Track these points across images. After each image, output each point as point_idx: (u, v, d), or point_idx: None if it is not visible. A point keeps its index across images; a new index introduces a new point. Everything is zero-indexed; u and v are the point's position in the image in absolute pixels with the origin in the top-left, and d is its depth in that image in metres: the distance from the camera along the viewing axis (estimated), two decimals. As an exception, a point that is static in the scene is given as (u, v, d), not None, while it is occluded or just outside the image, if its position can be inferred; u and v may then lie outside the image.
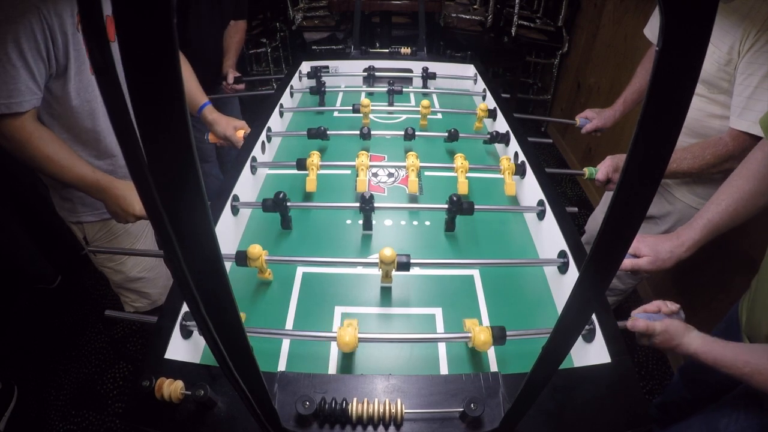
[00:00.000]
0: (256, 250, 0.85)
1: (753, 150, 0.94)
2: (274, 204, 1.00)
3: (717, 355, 0.73)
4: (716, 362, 0.73)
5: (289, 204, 1.01)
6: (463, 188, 1.13)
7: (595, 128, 1.55)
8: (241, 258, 0.85)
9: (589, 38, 2.75)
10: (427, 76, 1.71)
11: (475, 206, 1.13)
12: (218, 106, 1.60)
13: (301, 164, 1.16)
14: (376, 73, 1.72)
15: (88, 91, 1.09)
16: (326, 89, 1.61)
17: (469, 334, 0.73)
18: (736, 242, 1.33)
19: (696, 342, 0.75)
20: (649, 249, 0.92)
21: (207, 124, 1.42)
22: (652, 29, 1.40)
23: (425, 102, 1.42)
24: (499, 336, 0.72)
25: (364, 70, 1.73)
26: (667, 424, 1.08)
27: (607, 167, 1.17)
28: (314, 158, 1.15)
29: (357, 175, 1.14)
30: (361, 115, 1.42)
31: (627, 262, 0.93)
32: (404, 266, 0.83)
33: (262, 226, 1.09)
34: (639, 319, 0.78)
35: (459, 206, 1.00)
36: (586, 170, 1.20)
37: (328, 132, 1.30)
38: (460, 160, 1.15)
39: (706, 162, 1.08)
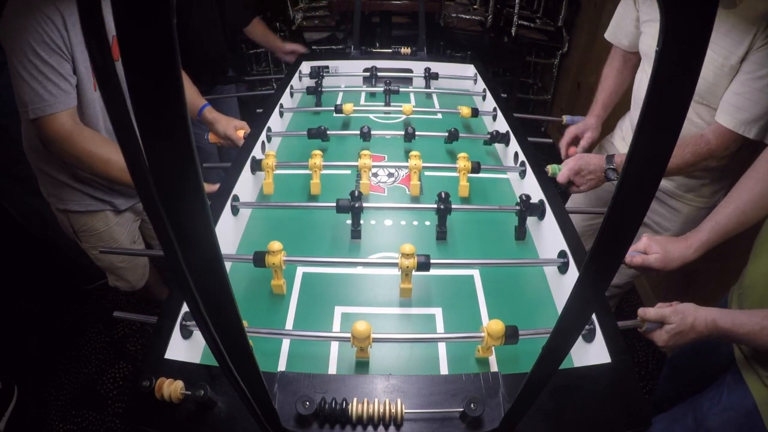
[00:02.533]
0: (276, 246, 0.83)
1: (764, 151, 0.94)
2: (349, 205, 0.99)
3: (734, 318, 0.76)
4: (733, 323, 0.76)
5: (364, 205, 1.00)
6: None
7: (592, 141, 1.44)
8: (259, 258, 0.83)
9: (589, 38, 2.75)
10: (430, 76, 1.71)
11: (475, 207, 1.14)
12: (217, 106, 1.60)
13: (257, 165, 1.15)
14: (377, 74, 1.72)
15: (91, 107, 1.13)
16: (324, 89, 1.61)
17: (482, 334, 0.72)
18: (736, 242, 1.33)
19: (712, 311, 0.78)
20: (659, 247, 0.92)
21: (207, 123, 1.42)
22: (614, 33, 1.38)
23: (407, 107, 1.43)
24: (511, 335, 0.72)
25: (366, 70, 1.73)
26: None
27: (570, 169, 1.12)
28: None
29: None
30: (344, 115, 1.44)
31: (638, 258, 0.93)
32: (424, 266, 0.84)
33: (262, 226, 1.10)
34: (649, 308, 0.80)
35: (528, 207, 1.00)
36: (550, 168, 1.15)
37: (328, 132, 1.30)
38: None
39: (685, 161, 1.04)
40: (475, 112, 1.46)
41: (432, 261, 0.88)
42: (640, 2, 1.24)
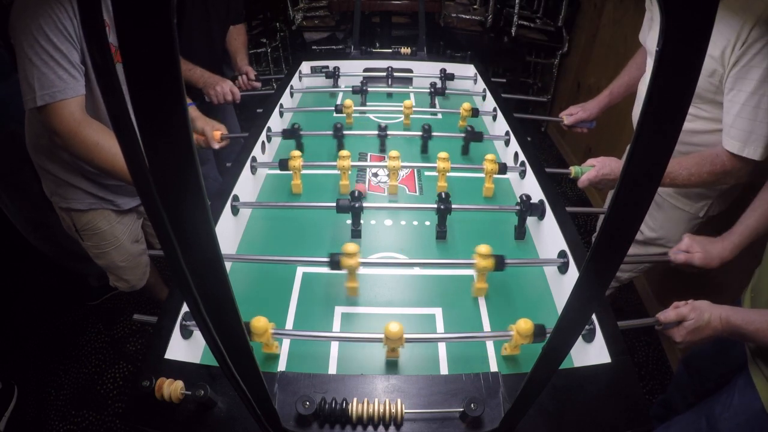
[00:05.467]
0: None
1: None
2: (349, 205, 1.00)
3: (745, 315, 0.80)
4: (744, 320, 0.79)
5: (364, 205, 1.01)
6: (443, 189, 1.13)
7: (579, 120, 1.51)
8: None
9: (589, 38, 2.75)
10: (445, 77, 1.71)
11: (475, 207, 1.14)
12: (213, 109, 1.61)
13: (284, 165, 1.16)
14: (373, 74, 1.72)
15: (101, 99, 1.10)
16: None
17: (511, 333, 0.74)
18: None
19: (726, 308, 0.81)
20: (700, 247, 0.98)
21: None
22: (643, 34, 1.39)
23: (408, 102, 1.42)
24: (538, 333, 0.74)
25: (378, 70, 1.73)
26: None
27: (591, 180, 1.13)
28: (296, 161, 1.15)
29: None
30: (344, 115, 1.43)
31: (681, 256, 0.99)
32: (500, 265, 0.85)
33: (262, 226, 1.10)
34: (669, 310, 0.83)
35: (528, 207, 1.01)
36: (572, 169, 1.17)
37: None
38: (442, 162, 1.15)
39: (703, 180, 1.05)
40: (475, 112, 1.45)
41: (433, 261, 0.88)
42: (651, 1, 1.25)
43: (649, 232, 1.35)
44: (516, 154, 1.26)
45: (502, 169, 1.15)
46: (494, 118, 1.49)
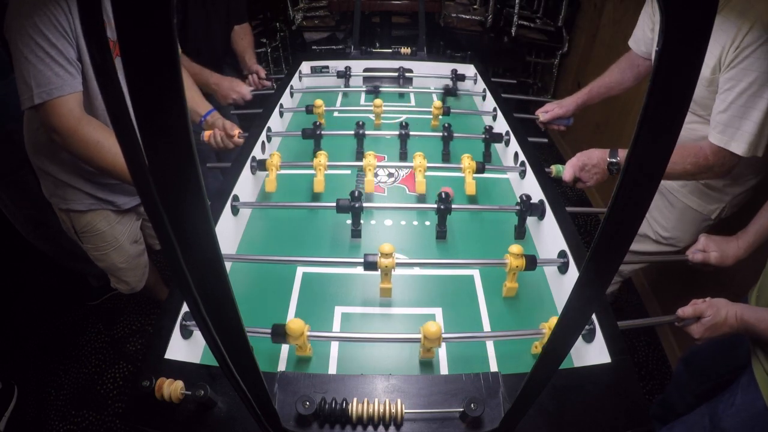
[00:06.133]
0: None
1: None
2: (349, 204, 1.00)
3: (758, 314, 0.82)
4: (756, 318, 0.82)
5: (364, 205, 1.01)
6: (420, 187, 1.13)
7: (555, 117, 1.49)
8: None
9: (589, 38, 2.75)
10: (456, 78, 1.71)
11: (475, 206, 1.14)
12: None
13: (261, 164, 1.17)
14: (373, 74, 1.72)
15: (99, 98, 1.10)
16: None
17: (544, 331, 0.75)
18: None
19: (741, 306, 0.84)
20: (716, 246, 1.01)
21: (207, 126, 1.43)
22: (636, 41, 1.38)
23: (378, 101, 1.42)
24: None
25: (370, 72, 1.73)
26: (670, 420, 1.09)
27: (573, 166, 1.14)
28: (274, 158, 1.16)
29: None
30: (316, 115, 1.43)
31: (699, 255, 1.01)
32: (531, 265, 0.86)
33: (262, 226, 1.10)
34: (687, 307, 0.85)
35: (528, 207, 1.01)
36: (553, 168, 1.16)
37: (322, 133, 1.30)
38: (419, 159, 1.15)
39: (685, 170, 1.06)
40: (447, 110, 1.44)
41: (433, 261, 0.87)
42: (655, 10, 1.25)
43: (663, 232, 1.36)
44: (516, 154, 1.26)
45: (480, 168, 1.15)
46: (494, 118, 1.49)
